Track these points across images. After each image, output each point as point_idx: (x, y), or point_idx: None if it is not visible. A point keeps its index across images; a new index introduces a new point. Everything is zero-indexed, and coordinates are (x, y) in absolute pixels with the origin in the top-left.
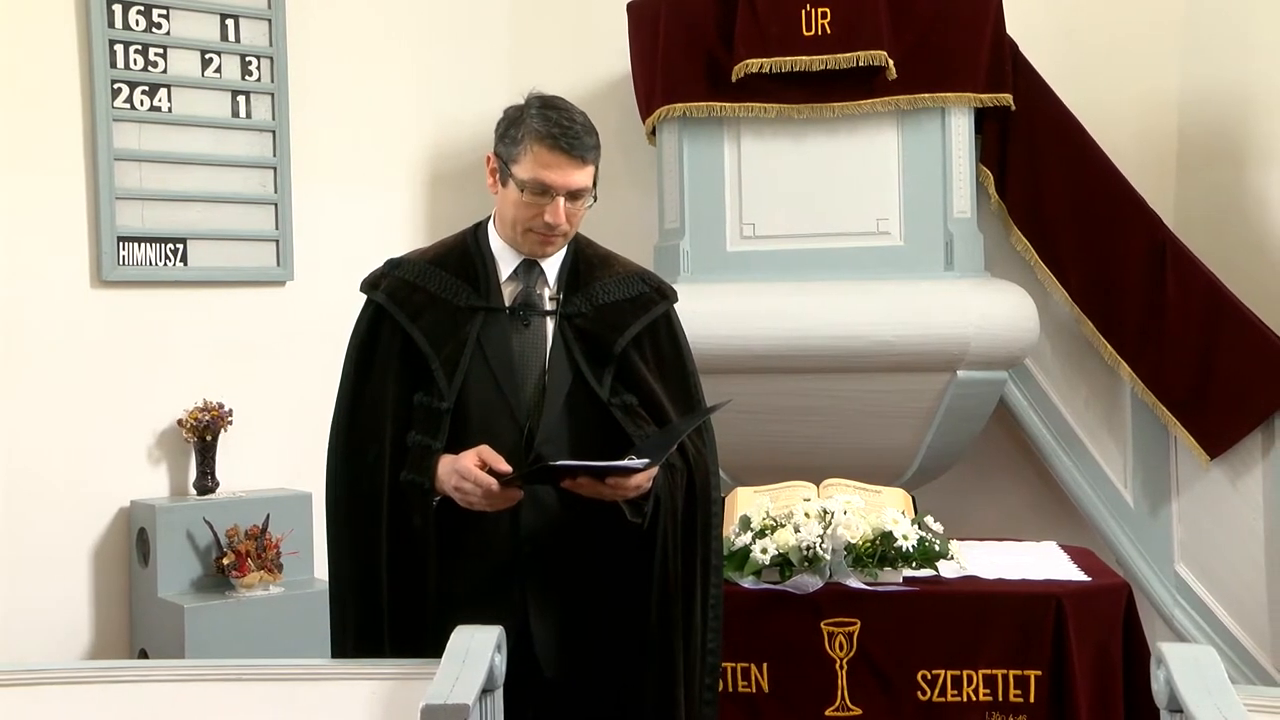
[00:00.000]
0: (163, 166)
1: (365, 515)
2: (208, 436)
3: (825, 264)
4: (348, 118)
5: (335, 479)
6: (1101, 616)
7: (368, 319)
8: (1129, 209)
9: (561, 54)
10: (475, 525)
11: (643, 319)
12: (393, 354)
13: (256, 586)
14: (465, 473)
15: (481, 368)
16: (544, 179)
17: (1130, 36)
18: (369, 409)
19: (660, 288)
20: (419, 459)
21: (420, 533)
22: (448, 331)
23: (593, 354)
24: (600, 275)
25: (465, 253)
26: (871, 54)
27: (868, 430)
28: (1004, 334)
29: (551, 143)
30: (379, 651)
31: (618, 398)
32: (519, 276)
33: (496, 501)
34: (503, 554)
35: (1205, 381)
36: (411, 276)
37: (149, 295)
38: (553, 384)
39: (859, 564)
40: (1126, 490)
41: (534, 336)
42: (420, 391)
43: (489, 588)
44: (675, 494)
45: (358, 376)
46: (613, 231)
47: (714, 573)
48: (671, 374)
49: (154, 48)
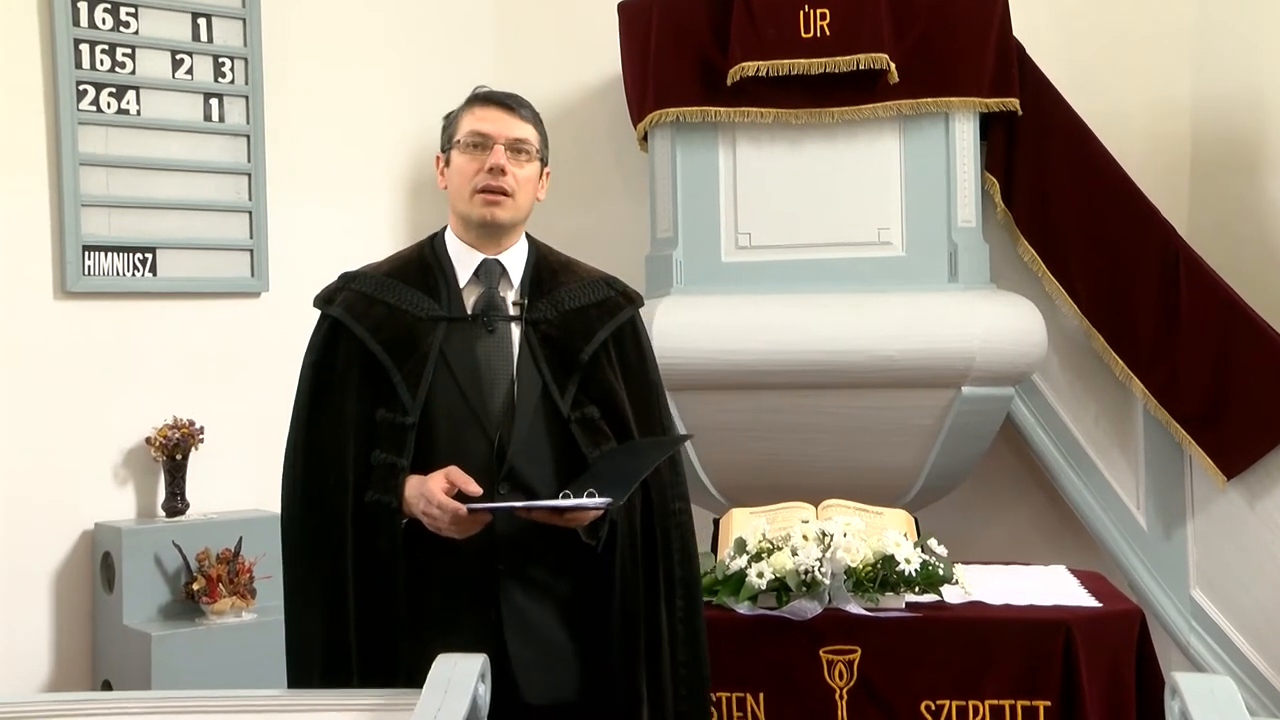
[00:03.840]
0: (131, 172)
1: (328, 540)
2: (177, 455)
3: (824, 275)
4: (326, 121)
5: (293, 502)
6: (1113, 644)
7: (323, 335)
8: (1140, 218)
9: (550, 56)
10: (447, 544)
11: (610, 324)
12: (352, 370)
13: (228, 613)
14: (432, 497)
15: (447, 380)
16: (479, 129)
17: (1141, 38)
18: (328, 429)
19: (626, 292)
20: (385, 478)
21: (387, 556)
22: (409, 344)
23: (559, 363)
24: (564, 280)
25: (423, 263)
26: (872, 57)
27: (868, 449)
28: (1010, 348)
29: (483, 99)
30: (348, 683)
31: (579, 410)
32: (480, 279)
33: (464, 527)
34: (477, 573)
35: (1221, 397)
36: (368, 289)
37: (116, 307)
38: (522, 394)
39: (859, 589)
40: (1139, 511)
41: (500, 343)
42: (383, 408)
43: (463, 610)
44: (631, 515)
45: (315, 395)
46: (603, 241)
47: (679, 585)
48: (636, 383)
49: (122, 48)
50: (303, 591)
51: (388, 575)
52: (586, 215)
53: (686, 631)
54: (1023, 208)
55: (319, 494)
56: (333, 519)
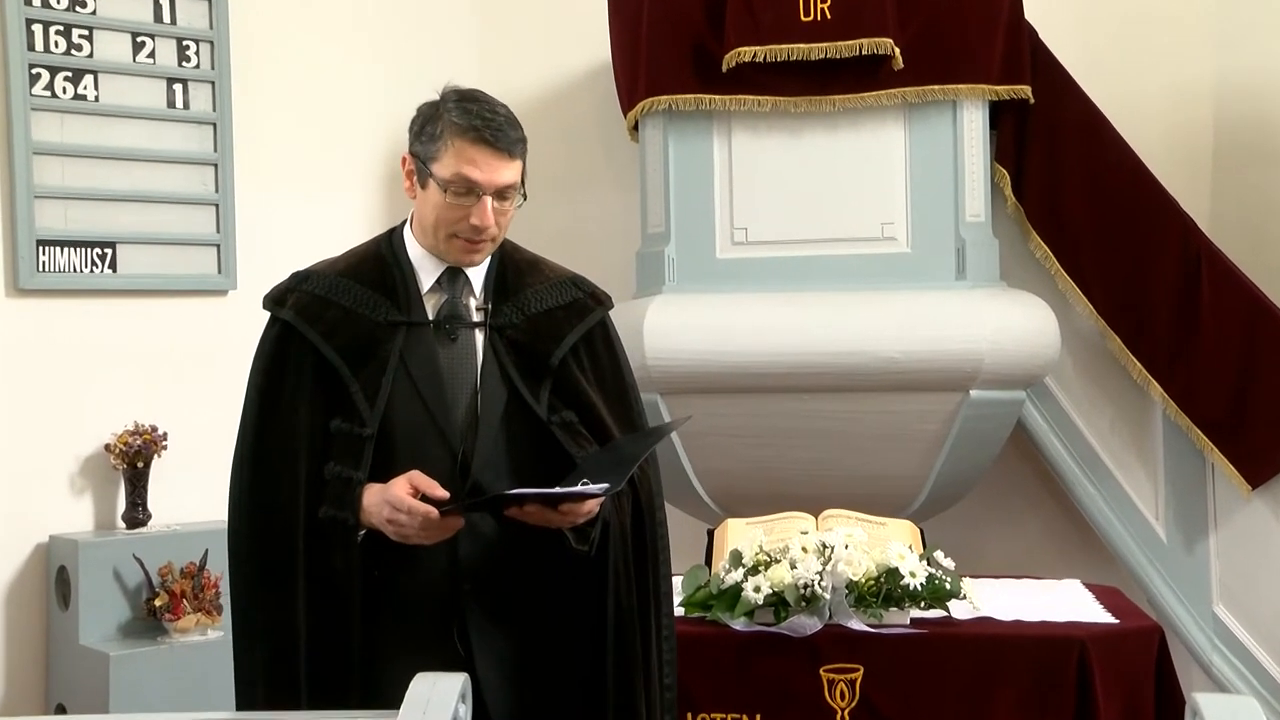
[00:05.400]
0: (88, 162)
1: (278, 558)
2: (139, 463)
3: (824, 273)
4: (297, 109)
5: (241, 518)
6: (1131, 663)
7: (273, 339)
8: (1159, 211)
9: (536, 40)
10: (407, 562)
11: (579, 327)
12: (304, 377)
13: (192, 631)
14: (398, 502)
15: (407, 388)
16: (469, 176)
17: (1161, 21)
18: (279, 440)
19: (595, 293)
20: (340, 492)
21: (342, 574)
22: (366, 350)
23: (528, 368)
24: (530, 281)
25: (381, 262)
26: (875, 41)
27: (871, 456)
28: (1021, 349)
29: (475, 135)
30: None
31: (556, 415)
32: (442, 287)
33: (435, 533)
34: (440, 593)
35: (1245, 402)
36: (322, 290)
37: (73, 305)
38: (486, 403)
39: (862, 604)
40: (1158, 522)
41: (462, 351)
42: (338, 418)
43: (425, 631)
44: (623, 516)
45: (264, 404)
46: (592, 237)
47: (664, 600)
48: (610, 386)
49: (78, 29)
50: (248, 617)
51: (342, 597)
52: (573, 209)
53: (670, 651)
54: (1034, 201)
55: (268, 510)
56: (283, 537)
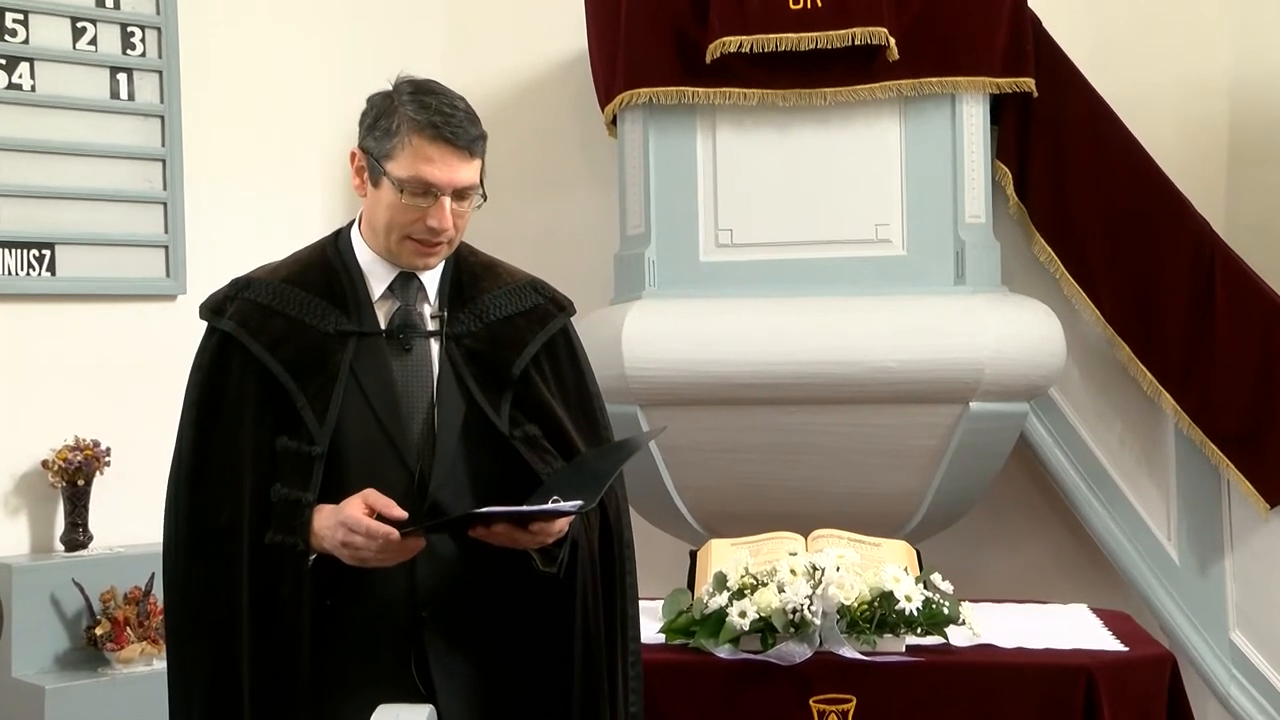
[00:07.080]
0: (25, 156)
1: (219, 591)
2: (79, 481)
3: (815, 277)
4: (251, 102)
5: (178, 548)
6: (1142, 693)
7: (212, 351)
8: (1171, 212)
9: (507, 29)
10: (361, 589)
11: (540, 335)
12: (247, 392)
13: (137, 661)
14: (354, 524)
15: (358, 403)
16: (426, 176)
17: (1173, 10)
18: (219, 460)
19: (556, 298)
20: (288, 516)
21: (291, 605)
22: (314, 362)
23: (488, 379)
24: (488, 286)
25: (327, 268)
26: (869, 31)
27: (865, 472)
28: (1024, 359)
29: (433, 133)
30: None
31: (519, 429)
32: (395, 293)
33: (394, 555)
34: (396, 622)
35: (1262, 415)
36: (265, 299)
37: (8, 310)
38: (444, 418)
39: (854, 630)
40: (1170, 544)
41: (417, 363)
42: (284, 436)
43: (382, 662)
44: (591, 535)
45: (203, 422)
46: (567, 239)
47: (631, 623)
48: (574, 397)
49: (12, 13)
50: (185, 656)
51: (291, 628)
52: (548, 210)
53: (636, 679)
54: (1038, 201)
55: (208, 537)
56: (225, 566)
